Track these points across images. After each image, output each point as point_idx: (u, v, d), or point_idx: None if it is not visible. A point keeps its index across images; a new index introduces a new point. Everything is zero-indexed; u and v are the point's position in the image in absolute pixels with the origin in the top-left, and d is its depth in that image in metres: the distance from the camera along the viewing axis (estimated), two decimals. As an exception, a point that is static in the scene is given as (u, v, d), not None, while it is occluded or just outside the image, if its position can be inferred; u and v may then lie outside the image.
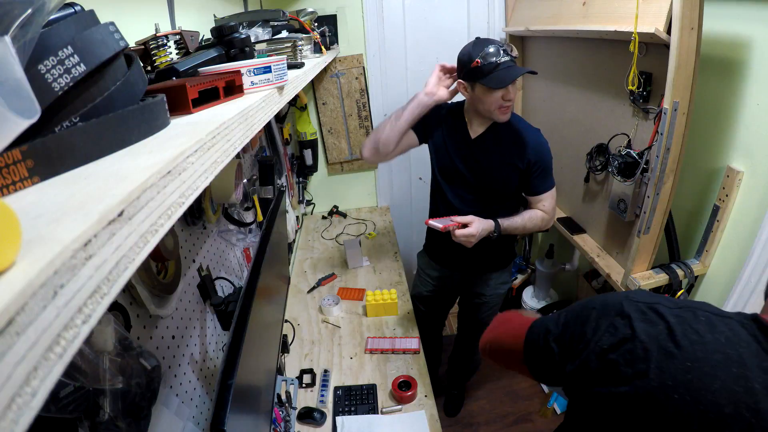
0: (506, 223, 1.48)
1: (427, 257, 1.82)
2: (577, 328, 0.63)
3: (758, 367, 0.48)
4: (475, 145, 1.49)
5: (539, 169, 1.47)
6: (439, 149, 1.57)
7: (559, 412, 2.15)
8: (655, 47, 1.30)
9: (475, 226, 1.39)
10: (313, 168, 2.52)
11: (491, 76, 1.30)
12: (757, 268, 1.22)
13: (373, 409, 1.36)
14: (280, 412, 1.28)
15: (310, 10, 1.68)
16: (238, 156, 1.29)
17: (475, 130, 1.50)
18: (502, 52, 1.30)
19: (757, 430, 0.46)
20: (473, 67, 1.32)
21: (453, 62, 1.46)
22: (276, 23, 1.29)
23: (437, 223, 1.39)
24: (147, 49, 0.70)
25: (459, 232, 1.39)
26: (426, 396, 1.41)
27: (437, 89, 1.46)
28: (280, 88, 0.70)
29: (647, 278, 1.42)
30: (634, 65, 1.34)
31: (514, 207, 1.60)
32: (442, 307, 1.95)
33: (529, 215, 1.52)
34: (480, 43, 1.34)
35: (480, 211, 1.49)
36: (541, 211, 1.52)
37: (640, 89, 1.39)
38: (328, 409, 1.38)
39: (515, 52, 1.34)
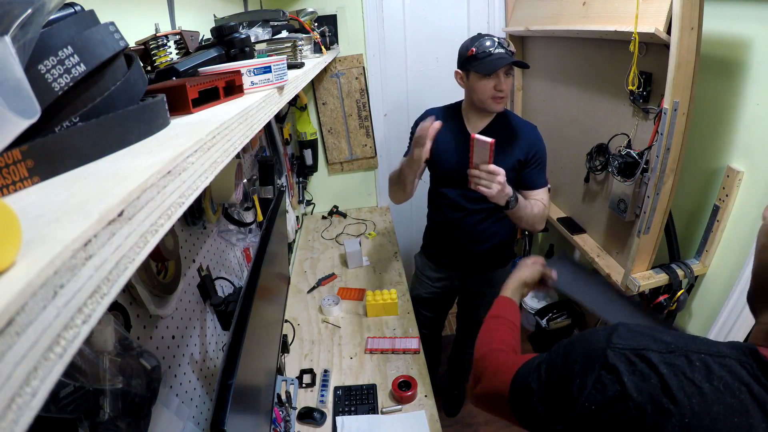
0: (519, 198, 1.37)
1: (425, 258, 1.82)
2: (562, 386, 0.59)
3: (761, 412, 0.46)
4: None
5: (537, 163, 1.48)
6: (438, 151, 1.56)
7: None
8: (655, 47, 1.30)
9: (502, 177, 1.25)
10: (313, 168, 2.52)
11: (483, 62, 1.34)
12: (757, 268, 1.22)
13: (373, 409, 1.36)
14: (280, 412, 1.28)
15: (310, 10, 1.68)
16: (238, 156, 1.29)
17: (474, 127, 1.50)
18: (497, 44, 1.35)
19: None
20: (469, 55, 1.37)
21: (454, 62, 1.47)
22: (276, 23, 1.29)
23: (487, 138, 1.19)
24: (147, 49, 0.70)
25: (489, 167, 1.23)
26: (426, 396, 1.41)
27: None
28: (280, 88, 0.70)
29: (647, 278, 1.42)
30: (634, 65, 1.34)
31: None
32: (441, 307, 1.95)
33: (532, 202, 1.45)
34: (479, 36, 1.39)
35: (483, 211, 1.50)
36: (540, 203, 1.50)
37: (640, 89, 1.39)
38: (328, 409, 1.38)
39: (512, 48, 1.37)
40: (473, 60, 1.36)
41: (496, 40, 1.36)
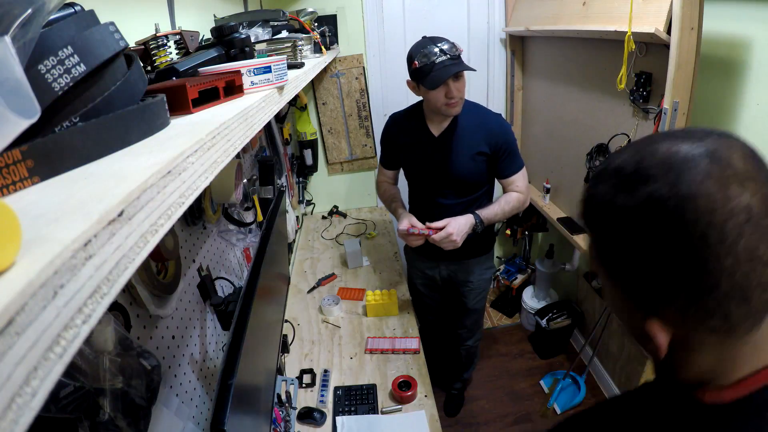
0: (485, 212, 1.49)
1: (412, 251, 1.83)
2: None
3: None
4: (440, 142, 1.52)
5: (506, 151, 1.49)
6: (407, 156, 1.61)
7: (559, 412, 2.15)
8: (655, 47, 1.30)
9: (452, 226, 1.41)
10: (313, 168, 2.52)
11: (428, 76, 1.34)
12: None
13: (373, 409, 1.36)
14: (280, 412, 1.28)
15: (310, 10, 1.68)
16: (238, 156, 1.29)
17: (437, 127, 1.52)
18: (438, 51, 1.32)
19: None
20: (414, 68, 1.37)
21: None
22: (276, 23, 1.29)
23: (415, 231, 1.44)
24: (147, 49, 0.70)
25: (438, 236, 1.42)
26: (426, 396, 1.41)
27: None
28: (280, 88, 0.70)
29: (647, 278, 1.42)
30: (624, 64, 1.34)
31: (490, 194, 1.63)
32: (435, 294, 1.96)
33: (504, 199, 1.54)
34: (421, 44, 1.37)
35: (459, 205, 1.52)
36: (515, 192, 1.54)
37: (640, 89, 1.39)
38: (328, 409, 1.38)
39: (458, 50, 1.35)
40: (419, 73, 1.36)
41: (436, 49, 1.32)
